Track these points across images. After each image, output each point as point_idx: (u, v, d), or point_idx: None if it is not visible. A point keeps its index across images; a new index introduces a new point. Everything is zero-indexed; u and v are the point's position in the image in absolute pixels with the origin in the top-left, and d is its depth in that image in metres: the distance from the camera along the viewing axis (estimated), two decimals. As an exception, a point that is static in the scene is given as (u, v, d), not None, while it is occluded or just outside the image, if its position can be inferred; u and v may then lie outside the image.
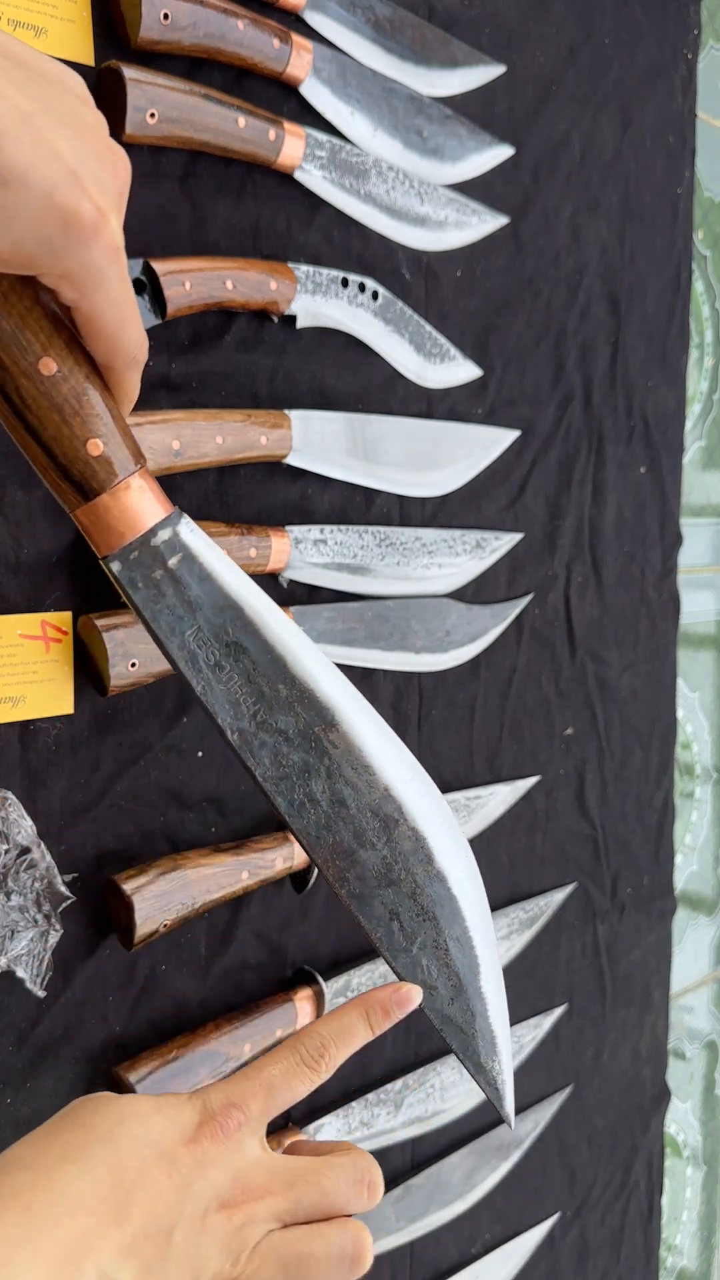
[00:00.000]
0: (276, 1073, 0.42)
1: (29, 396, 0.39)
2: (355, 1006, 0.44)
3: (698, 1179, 1.47)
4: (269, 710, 0.43)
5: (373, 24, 0.77)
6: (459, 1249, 0.95)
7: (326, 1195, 0.42)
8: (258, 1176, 0.41)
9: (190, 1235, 0.39)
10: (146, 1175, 0.38)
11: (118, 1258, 0.37)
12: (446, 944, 0.46)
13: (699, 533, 1.36)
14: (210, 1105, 0.41)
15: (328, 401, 0.77)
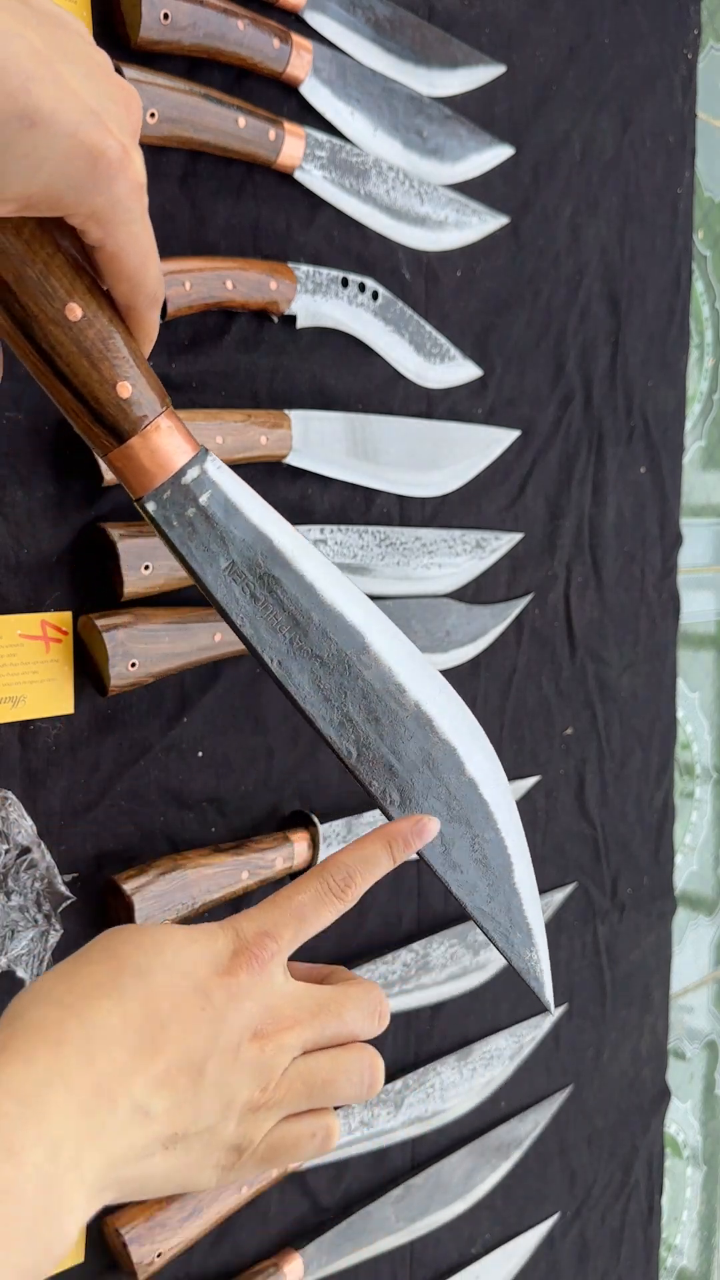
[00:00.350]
0: (307, 900, 0.43)
1: (58, 343, 0.39)
2: (378, 837, 0.45)
3: (698, 1179, 1.47)
4: (304, 637, 0.45)
5: (373, 24, 0.77)
6: (459, 1249, 0.95)
7: (345, 1024, 0.43)
8: (286, 1007, 0.41)
9: (223, 1066, 0.39)
10: (181, 1008, 0.38)
11: (151, 1091, 0.37)
12: (482, 846, 0.48)
13: (699, 533, 1.36)
14: (244, 934, 0.41)
15: (328, 401, 0.77)
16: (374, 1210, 0.84)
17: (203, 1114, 0.39)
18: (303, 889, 0.43)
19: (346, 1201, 0.84)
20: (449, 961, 0.88)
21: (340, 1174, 0.83)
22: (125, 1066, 0.36)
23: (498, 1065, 0.96)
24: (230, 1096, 0.39)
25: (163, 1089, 0.37)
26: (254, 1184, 0.73)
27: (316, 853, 0.75)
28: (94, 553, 0.63)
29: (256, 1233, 0.77)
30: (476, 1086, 0.93)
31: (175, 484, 0.43)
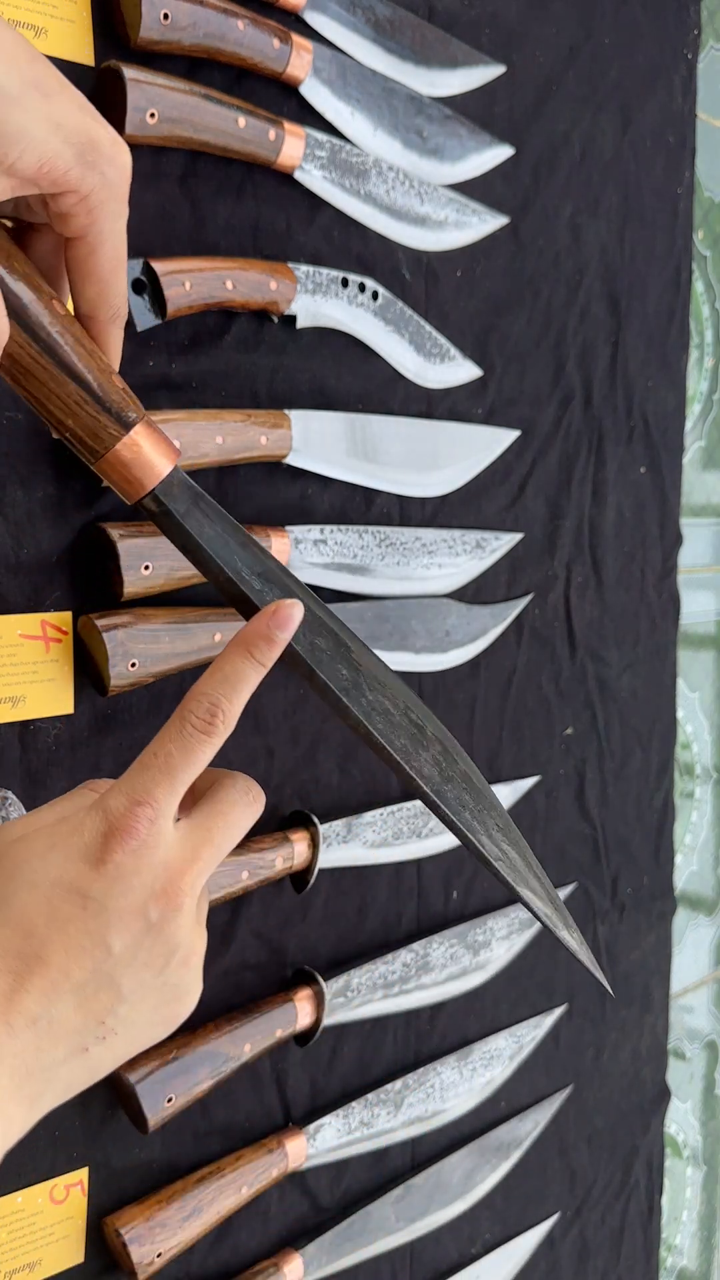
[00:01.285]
0: (173, 749, 0.40)
1: (57, 332, 0.40)
2: (233, 647, 0.42)
3: (698, 1179, 1.47)
4: (312, 630, 0.46)
5: (373, 24, 0.77)
6: (459, 1249, 0.95)
7: (236, 831, 0.42)
8: (177, 856, 0.39)
9: (134, 936, 0.38)
10: (57, 916, 0.37)
11: (45, 999, 0.36)
12: (505, 825, 0.48)
13: (699, 533, 1.36)
14: (113, 811, 0.39)
15: (328, 401, 0.77)
16: (374, 1210, 0.84)
17: (134, 985, 0.38)
18: (165, 737, 0.41)
19: (346, 1201, 0.84)
20: (449, 961, 0.88)
21: (340, 1174, 0.83)
22: (9, 989, 0.36)
23: (498, 1065, 0.96)
24: (168, 950, 0.39)
25: (60, 992, 0.37)
26: (254, 1184, 0.73)
27: (316, 853, 0.75)
28: (94, 553, 0.63)
29: (256, 1233, 0.77)
30: (476, 1086, 0.93)
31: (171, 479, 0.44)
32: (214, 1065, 0.69)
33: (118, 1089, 0.66)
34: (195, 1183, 0.70)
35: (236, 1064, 0.70)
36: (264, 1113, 0.77)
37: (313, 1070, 0.80)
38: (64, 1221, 0.65)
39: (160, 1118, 0.66)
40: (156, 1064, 0.66)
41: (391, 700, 0.47)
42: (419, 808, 0.85)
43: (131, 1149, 0.68)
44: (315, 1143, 0.78)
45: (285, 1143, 0.76)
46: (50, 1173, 0.64)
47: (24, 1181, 0.63)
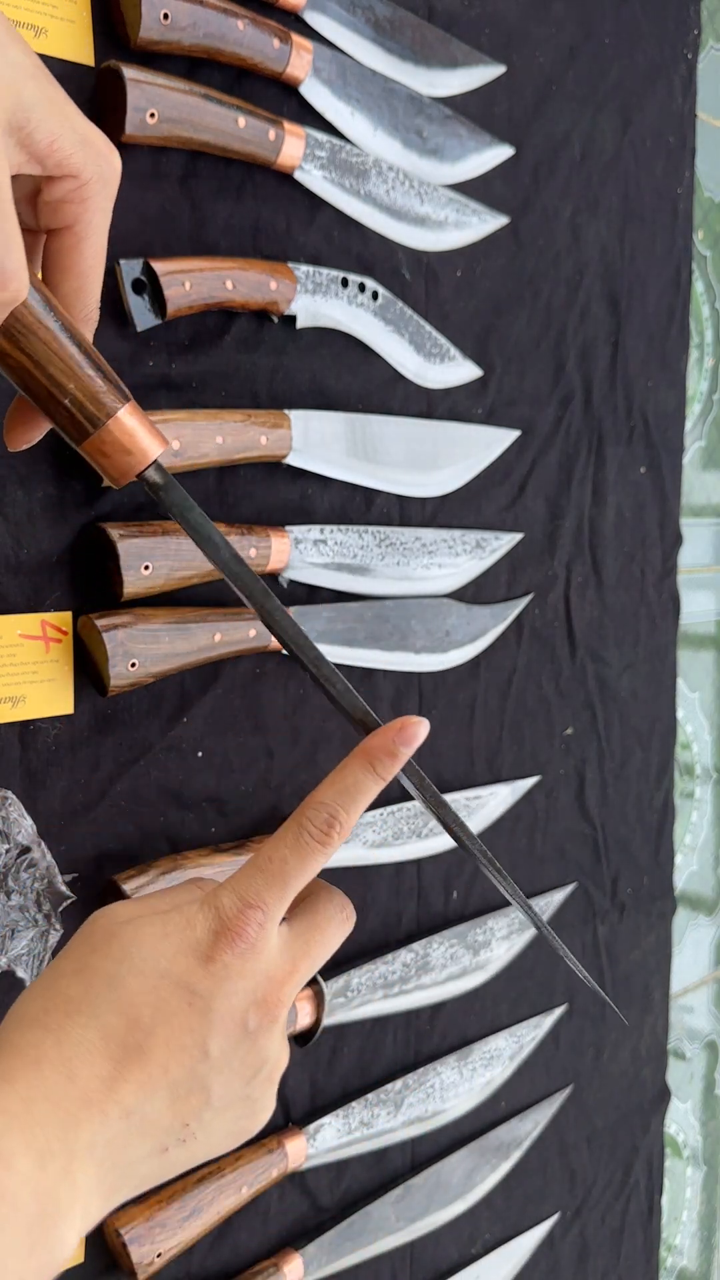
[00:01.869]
0: (289, 854, 0.40)
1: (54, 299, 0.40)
2: (356, 759, 0.42)
3: (698, 1179, 1.47)
4: None
5: (373, 24, 0.77)
6: (459, 1249, 0.95)
7: (330, 945, 0.42)
8: (283, 965, 0.40)
9: (231, 1043, 0.38)
10: (164, 1009, 0.37)
11: (143, 1093, 0.36)
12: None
13: (699, 533, 1.36)
14: (224, 911, 0.39)
15: (328, 401, 0.77)
16: (374, 1210, 0.84)
17: (223, 1092, 0.38)
18: (282, 843, 0.40)
19: (346, 1201, 0.84)
20: (449, 961, 0.88)
21: (340, 1174, 0.83)
22: (109, 1075, 0.36)
23: (498, 1065, 0.96)
24: (258, 1062, 0.39)
25: (157, 1088, 0.37)
26: (254, 1184, 0.73)
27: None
28: (94, 553, 0.63)
29: (256, 1233, 0.77)
30: (476, 1086, 0.93)
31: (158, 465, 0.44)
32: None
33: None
34: (195, 1183, 0.70)
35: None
36: (264, 1113, 0.77)
37: (313, 1070, 0.80)
38: (64, 1221, 0.65)
39: (160, 1118, 0.66)
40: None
41: None
42: (419, 808, 0.85)
43: (131, 1149, 0.68)
44: (315, 1143, 0.78)
45: (285, 1143, 0.76)
46: (50, 1173, 0.64)
47: (24, 1181, 0.63)
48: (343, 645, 0.78)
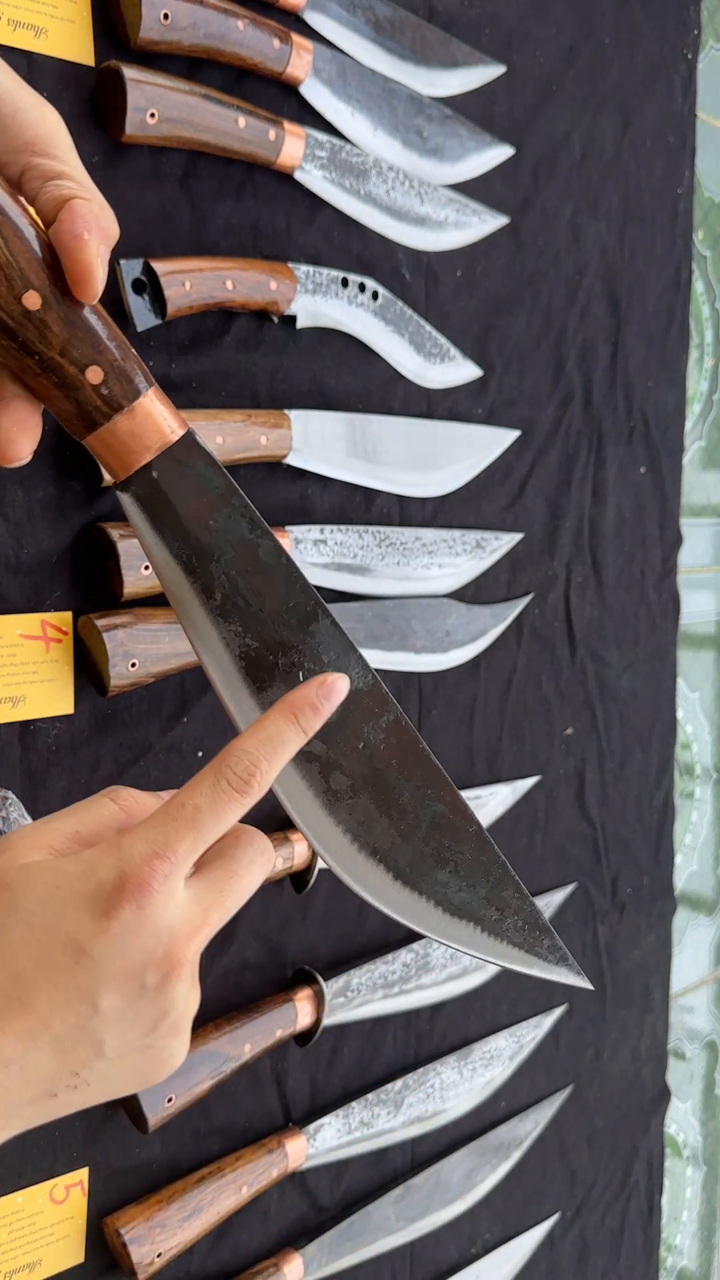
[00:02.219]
0: (203, 803, 0.38)
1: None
2: (279, 710, 0.40)
3: (698, 1179, 1.47)
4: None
5: (373, 24, 0.77)
6: (459, 1249, 0.95)
7: (245, 891, 0.40)
8: (189, 919, 0.37)
9: (126, 999, 0.36)
10: (48, 965, 0.35)
11: (22, 1044, 0.35)
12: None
13: (699, 533, 1.36)
14: (130, 859, 0.36)
15: (328, 401, 0.77)
16: (374, 1210, 0.84)
17: (118, 1044, 0.37)
18: (198, 790, 0.38)
19: (346, 1201, 0.84)
20: (449, 961, 0.88)
21: (340, 1174, 0.83)
22: None
23: (498, 1065, 0.96)
24: (158, 1015, 0.37)
25: (37, 1042, 0.35)
26: (254, 1184, 0.73)
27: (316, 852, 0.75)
28: (94, 553, 0.63)
29: (256, 1233, 0.77)
30: (476, 1086, 0.93)
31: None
32: (214, 1065, 0.69)
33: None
34: (195, 1183, 0.70)
35: (236, 1064, 0.70)
36: (264, 1113, 0.77)
37: (313, 1070, 0.80)
38: (64, 1221, 0.65)
39: (160, 1118, 0.66)
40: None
41: None
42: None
43: (131, 1149, 0.68)
44: (315, 1143, 0.78)
45: (285, 1143, 0.76)
46: (50, 1173, 0.64)
47: (24, 1181, 0.63)
48: (343, 645, 0.78)
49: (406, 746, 0.43)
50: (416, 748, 0.44)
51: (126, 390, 0.39)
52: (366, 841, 0.43)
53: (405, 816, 0.43)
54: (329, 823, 0.43)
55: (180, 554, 0.41)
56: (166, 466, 0.41)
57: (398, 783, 0.43)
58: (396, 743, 0.43)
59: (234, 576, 0.42)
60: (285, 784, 0.43)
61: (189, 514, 0.41)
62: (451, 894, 0.44)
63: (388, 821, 0.43)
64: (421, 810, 0.43)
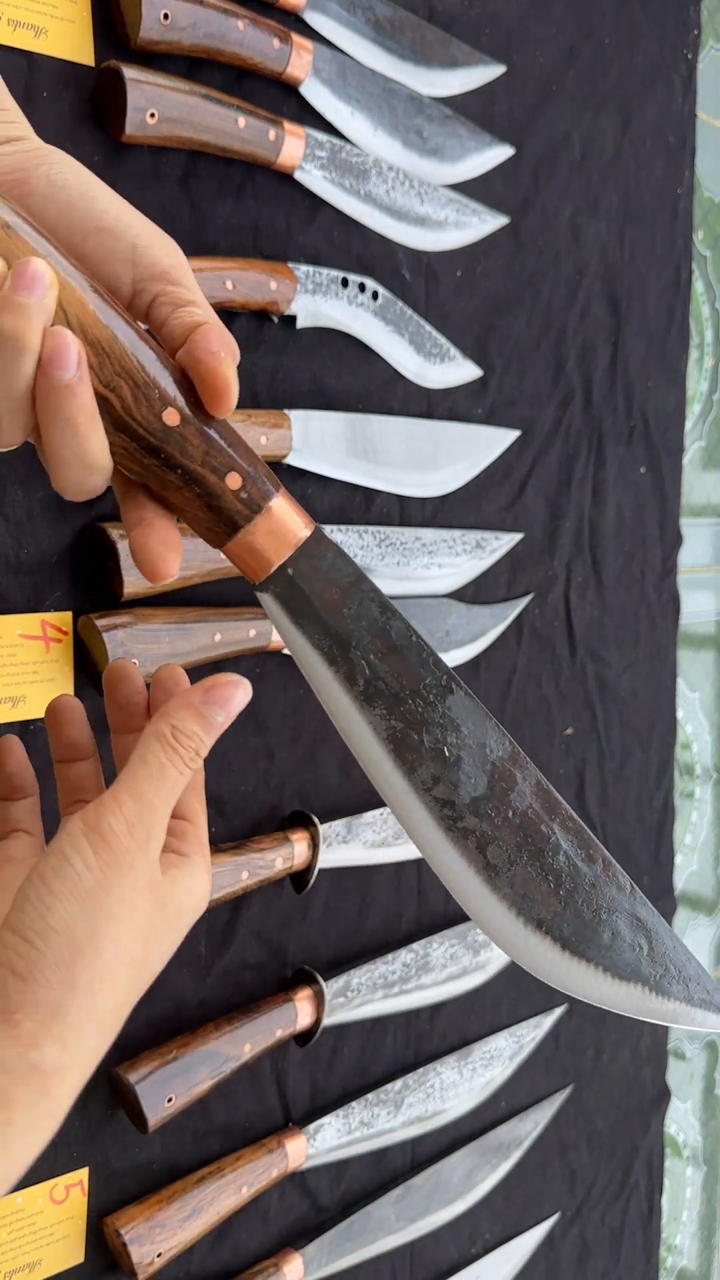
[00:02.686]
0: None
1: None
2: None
3: (698, 1179, 1.47)
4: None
5: (373, 24, 0.77)
6: (459, 1249, 0.95)
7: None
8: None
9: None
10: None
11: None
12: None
13: (699, 533, 1.36)
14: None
15: (328, 401, 0.77)
16: (374, 1210, 0.84)
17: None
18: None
19: (346, 1201, 0.84)
20: (449, 961, 0.88)
21: (340, 1174, 0.83)
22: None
23: (498, 1065, 0.96)
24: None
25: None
26: (254, 1184, 0.73)
27: (316, 853, 0.75)
28: (94, 553, 0.63)
29: (256, 1233, 0.77)
30: (476, 1086, 0.93)
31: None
32: (214, 1065, 0.69)
33: (118, 1089, 0.66)
34: (195, 1183, 0.70)
35: (236, 1064, 0.70)
36: (264, 1113, 0.77)
37: (313, 1070, 0.80)
38: (64, 1221, 0.65)
39: (160, 1118, 0.66)
40: (156, 1064, 0.66)
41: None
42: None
43: (131, 1149, 0.68)
44: (315, 1143, 0.78)
45: (285, 1143, 0.76)
46: (50, 1173, 0.64)
47: (24, 1181, 0.63)
48: (343, 645, 0.78)
49: (552, 808, 0.44)
50: (561, 809, 0.44)
51: (262, 492, 0.41)
52: (530, 914, 0.43)
53: (563, 882, 0.43)
54: (493, 900, 0.43)
55: (321, 645, 0.42)
56: (301, 563, 0.42)
57: (551, 847, 0.43)
58: (542, 806, 0.44)
59: (372, 661, 0.43)
60: (445, 865, 0.43)
61: (325, 605, 0.42)
62: (616, 956, 0.44)
63: (547, 889, 0.43)
64: (578, 874, 0.43)
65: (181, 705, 0.39)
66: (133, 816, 0.37)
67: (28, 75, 0.59)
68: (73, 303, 0.36)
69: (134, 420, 0.38)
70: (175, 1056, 0.67)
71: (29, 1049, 0.34)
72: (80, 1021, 0.35)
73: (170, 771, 0.38)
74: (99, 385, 0.37)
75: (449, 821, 0.43)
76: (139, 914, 0.37)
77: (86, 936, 0.35)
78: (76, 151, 0.62)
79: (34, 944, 0.35)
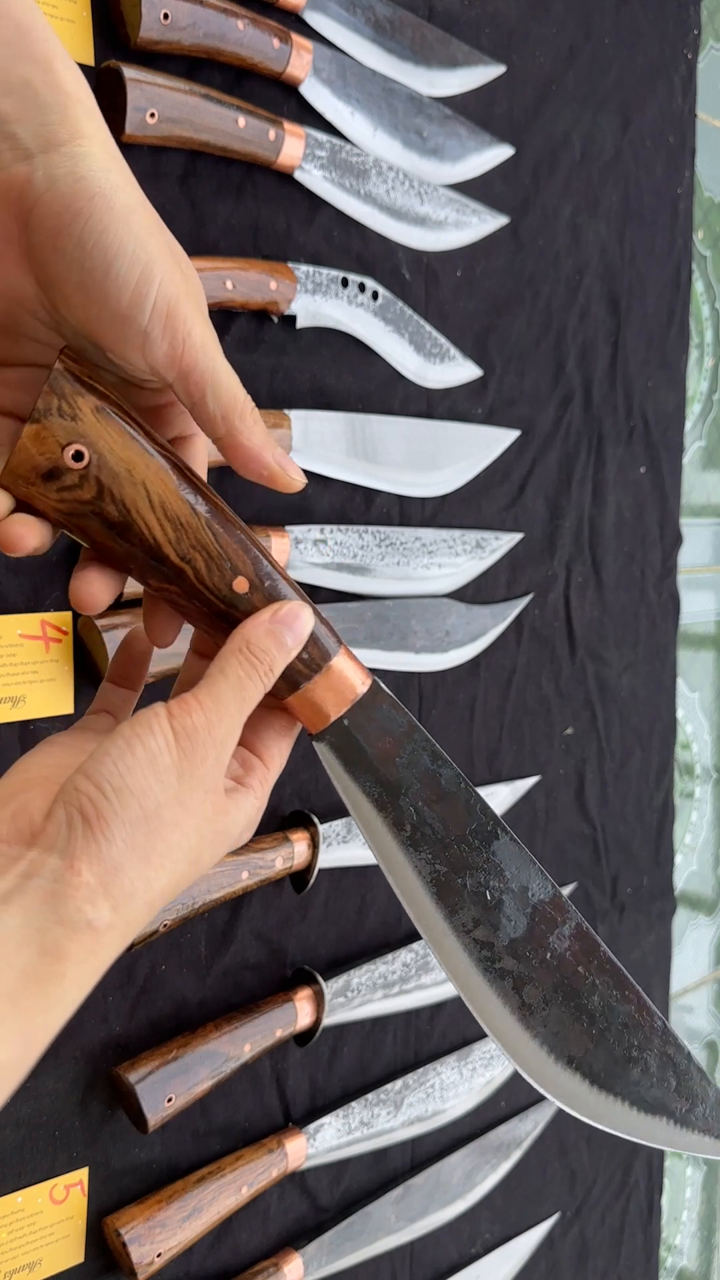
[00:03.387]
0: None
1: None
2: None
3: (698, 1179, 1.47)
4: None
5: (373, 24, 0.77)
6: (459, 1249, 0.95)
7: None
8: None
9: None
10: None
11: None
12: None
13: (699, 533, 1.36)
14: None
15: (328, 401, 0.77)
16: (374, 1210, 0.84)
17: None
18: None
19: (346, 1201, 0.84)
20: (449, 961, 0.88)
21: (340, 1174, 0.83)
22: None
23: (498, 1065, 0.96)
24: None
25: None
26: (254, 1184, 0.73)
27: (316, 853, 0.75)
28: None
29: (256, 1233, 0.77)
30: (476, 1086, 0.93)
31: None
32: (214, 1065, 0.69)
33: (118, 1089, 0.66)
34: (195, 1183, 0.70)
35: (236, 1064, 0.70)
36: (264, 1113, 0.77)
37: (313, 1070, 0.80)
38: (64, 1221, 0.65)
39: (160, 1118, 0.66)
40: (156, 1064, 0.66)
41: None
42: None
43: (131, 1149, 0.68)
44: (315, 1143, 0.78)
45: (285, 1143, 0.76)
46: (50, 1173, 0.64)
47: (24, 1181, 0.63)
48: (343, 645, 0.78)
49: (590, 951, 0.45)
50: (599, 951, 0.45)
51: (323, 652, 0.42)
52: (562, 1052, 0.44)
53: (596, 1022, 0.44)
54: (525, 1038, 0.44)
55: (372, 792, 0.44)
56: (358, 714, 0.43)
57: (586, 989, 0.44)
58: (580, 948, 0.45)
59: (420, 807, 0.44)
60: (480, 1003, 0.44)
61: (379, 755, 0.44)
62: (644, 1092, 0.45)
63: (580, 1029, 0.44)
64: (611, 1014, 0.44)
65: (254, 624, 0.40)
66: (213, 717, 0.38)
67: (28, 75, 0.59)
68: (154, 483, 0.38)
69: (206, 588, 0.40)
70: (175, 1056, 0.67)
71: (85, 902, 0.34)
72: (134, 888, 0.36)
73: (247, 684, 0.39)
74: (175, 557, 0.39)
75: (487, 962, 0.44)
76: (201, 811, 0.38)
77: (155, 809, 0.36)
78: (76, 151, 0.62)
79: (108, 796, 0.36)
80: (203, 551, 0.39)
